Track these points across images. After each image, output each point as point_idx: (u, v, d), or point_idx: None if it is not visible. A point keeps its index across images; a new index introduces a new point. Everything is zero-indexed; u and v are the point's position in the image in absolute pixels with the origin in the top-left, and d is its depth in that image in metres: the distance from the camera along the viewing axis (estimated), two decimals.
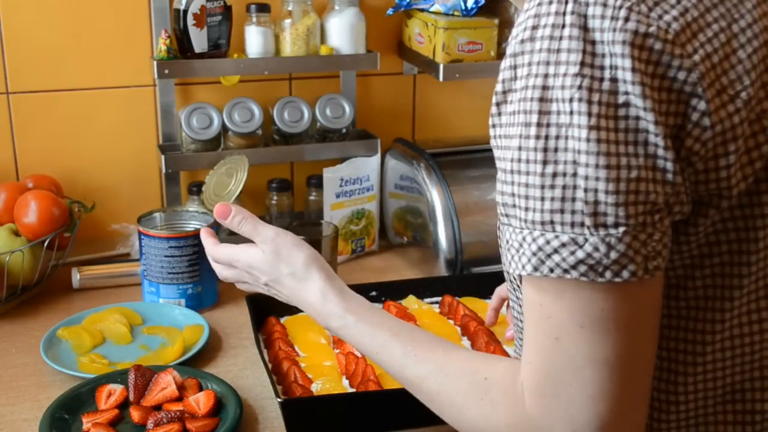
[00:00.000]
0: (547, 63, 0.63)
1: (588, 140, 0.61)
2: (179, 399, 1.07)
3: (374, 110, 1.71)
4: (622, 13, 0.61)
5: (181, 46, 1.47)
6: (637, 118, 0.61)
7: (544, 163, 0.63)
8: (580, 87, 0.61)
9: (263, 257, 0.93)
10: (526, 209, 0.64)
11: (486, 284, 1.36)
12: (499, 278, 1.36)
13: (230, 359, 1.22)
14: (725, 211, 0.67)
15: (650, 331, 0.65)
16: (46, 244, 1.35)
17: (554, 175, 0.62)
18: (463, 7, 1.48)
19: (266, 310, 1.28)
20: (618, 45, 0.61)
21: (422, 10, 1.54)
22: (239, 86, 1.58)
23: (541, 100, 0.63)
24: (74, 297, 1.41)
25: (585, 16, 0.62)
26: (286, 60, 1.53)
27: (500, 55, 1.53)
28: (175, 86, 1.57)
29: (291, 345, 1.20)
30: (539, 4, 0.64)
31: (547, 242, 0.63)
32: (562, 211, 0.62)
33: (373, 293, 1.34)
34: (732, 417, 0.73)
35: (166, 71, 1.46)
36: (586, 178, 0.61)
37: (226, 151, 1.53)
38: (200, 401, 1.05)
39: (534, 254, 0.64)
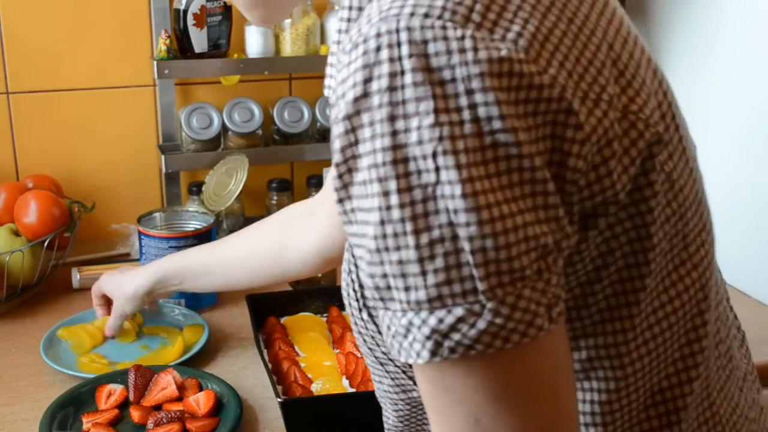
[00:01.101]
0: (392, 118, 0.53)
1: (464, 196, 0.52)
2: (179, 399, 1.07)
3: None
4: (468, 43, 0.53)
5: (181, 46, 1.47)
6: (508, 157, 0.54)
7: (416, 233, 0.53)
8: (441, 138, 0.52)
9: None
10: (407, 289, 0.54)
11: None
12: None
13: (230, 359, 1.22)
14: (613, 216, 0.61)
15: (571, 377, 0.60)
16: (46, 244, 1.35)
17: (431, 243, 0.53)
18: None
19: (266, 310, 1.28)
20: (476, 79, 0.53)
21: None
22: (239, 86, 1.59)
23: (395, 162, 0.53)
24: (74, 297, 1.41)
25: (426, 56, 0.53)
26: (286, 60, 1.53)
27: None
28: (175, 86, 1.57)
29: (291, 345, 1.20)
30: (365, 54, 0.54)
31: (440, 321, 0.54)
32: (449, 282, 0.53)
33: None
34: (657, 422, 0.69)
35: (166, 71, 1.46)
36: (470, 238, 0.53)
37: (226, 151, 1.53)
38: (200, 401, 1.05)
39: (428, 338, 0.54)
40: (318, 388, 1.09)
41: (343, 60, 0.56)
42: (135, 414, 1.04)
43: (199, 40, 1.47)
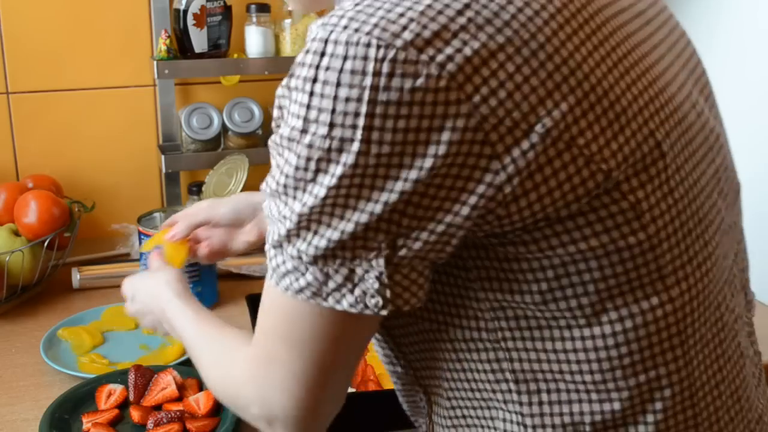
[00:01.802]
0: (298, 116, 0.59)
1: (319, 198, 0.59)
2: (179, 399, 1.07)
3: None
4: (385, 67, 0.55)
5: (181, 46, 1.47)
6: (386, 177, 0.58)
7: (283, 195, 0.62)
8: (329, 149, 0.58)
9: (140, 273, 1.07)
10: (276, 231, 0.64)
11: None
12: None
13: None
14: (541, 240, 0.62)
15: (345, 357, 0.68)
16: (46, 244, 1.35)
17: (291, 209, 0.62)
18: None
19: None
20: (380, 106, 0.56)
21: None
22: (239, 86, 1.59)
23: (283, 150, 0.61)
24: (74, 297, 1.41)
25: (339, 71, 0.56)
26: (286, 60, 1.53)
27: None
28: (175, 86, 1.57)
29: None
30: (305, 51, 0.59)
31: (278, 265, 0.65)
32: (288, 241, 0.63)
33: None
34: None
35: (166, 71, 1.46)
36: (309, 227, 0.61)
37: (226, 151, 1.53)
38: (200, 401, 1.05)
39: (273, 270, 0.65)
40: None
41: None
42: (135, 414, 1.04)
43: (199, 40, 1.47)
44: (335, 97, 0.56)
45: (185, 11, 1.44)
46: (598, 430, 0.66)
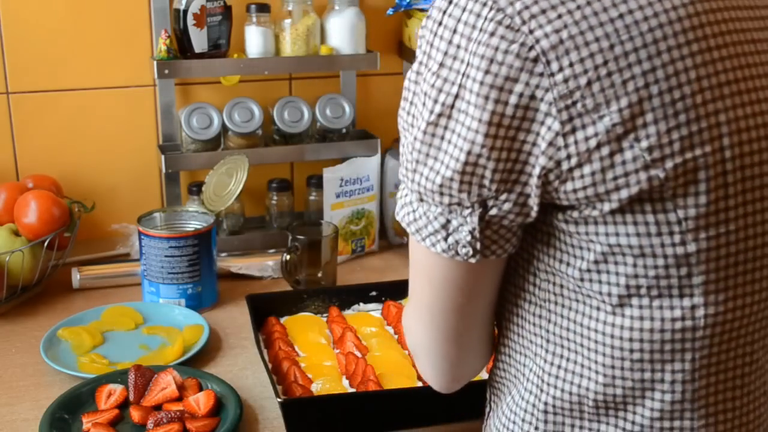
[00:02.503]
0: (423, 53, 0.69)
1: (424, 132, 0.68)
2: (179, 399, 1.07)
3: (374, 110, 1.71)
4: (490, 26, 0.63)
5: (181, 46, 1.47)
6: (468, 128, 0.65)
7: (404, 134, 0.72)
8: (432, 85, 0.67)
9: None
10: (401, 164, 0.74)
11: None
12: None
13: (230, 359, 1.22)
14: (591, 224, 0.67)
15: (457, 301, 0.75)
16: (46, 244, 1.35)
17: (410, 145, 0.71)
18: None
19: (266, 310, 1.28)
20: (476, 57, 0.64)
21: (422, 10, 1.54)
22: (239, 86, 1.59)
23: (416, 83, 0.70)
24: (74, 297, 1.41)
25: (458, 21, 0.65)
26: (286, 60, 1.53)
27: None
28: (175, 86, 1.57)
29: (291, 345, 1.20)
30: None
31: (402, 196, 0.75)
32: (408, 178, 0.72)
33: (373, 293, 1.34)
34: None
35: (166, 71, 1.46)
36: (416, 161, 0.70)
37: (226, 151, 1.53)
38: (200, 401, 1.05)
39: (400, 199, 0.76)
40: (318, 388, 1.09)
41: None
42: (135, 414, 1.04)
43: (199, 40, 1.47)
44: (450, 41, 0.66)
45: (185, 11, 1.44)
46: (599, 407, 0.72)
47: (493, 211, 0.68)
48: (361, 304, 1.33)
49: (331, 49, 1.55)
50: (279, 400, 1.02)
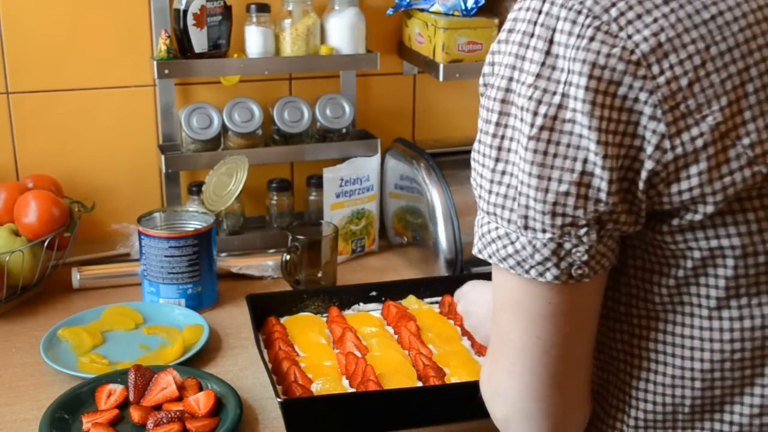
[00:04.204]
0: (513, 67, 0.66)
1: (526, 149, 0.65)
2: (179, 399, 1.07)
3: (374, 110, 1.71)
4: (589, 32, 0.63)
5: (181, 46, 1.47)
6: (580, 136, 0.63)
7: (496, 160, 0.68)
8: (530, 98, 0.64)
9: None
10: (479, 197, 0.71)
11: None
12: None
13: (230, 359, 1.22)
14: (688, 231, 0.67)
15: (566, 330, 0.70)
16: (46, 244, 1.35)
17: (503, 173, 0.67)
18: (463, 7, 1.48)
19: (266, 310, 1.28)
20: (578, 63, 0.63)
21: (422, 10, 1.54)
22: (239, 86, 1.58)
23: (503, 101, 0.67)
24: (74, 297, 1.41)
25: (554, 30, 0.64)
26: (286, 60, 1.53)
27: None
28: (175, 86, 1.57)
29: (291, 345, 1.20)
30: (519, 9, 0.67)
31: (489, 231, 0.70)
32: (502, 207, 0.68)
33: (373, 293, 1.34)
34: None
35: (166, 71, 1.46)
36: (522, 183, 0.66)
37: (226, 151, 1.53)
38: (200, 401, 1.05)
39: (480, 238, 0.71)
40: (318, 388, 1.09)
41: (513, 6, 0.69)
42: (135, 414, 1.04)
43: (199, 40, 1.47)
44: (546, 51, 0.64)
45: (185, 11, 1.44)
46: (695, 412, 0.72)
47: (609, 225, 0.66)
48: (361, 304, 1.33)
49: (331, 49, 1.55)
50: (279, 400, 1.02)
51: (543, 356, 0.70)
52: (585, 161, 0.64)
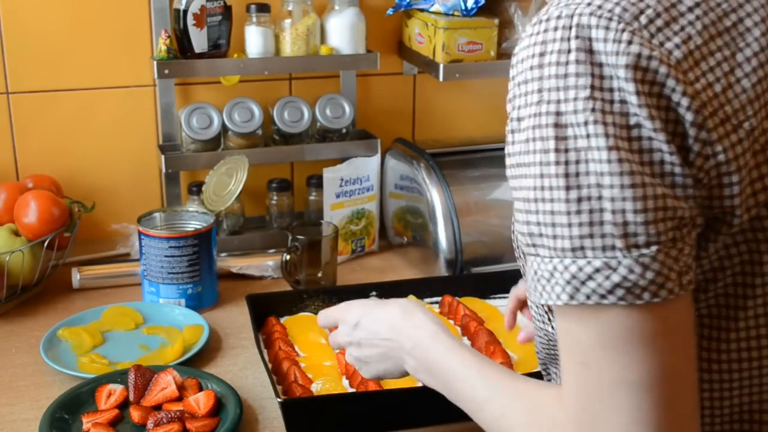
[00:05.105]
0: (558, 89, 0.63)
1: (609, 161, 0.61)
2: (179, 399, 1.07)
3: (374, 110, 1.71)
4: (625, 36, 0.62)
5: (181, 46, 1.47)
6: (650, 138, 0.61)
7: (567, 188, 0.62)
8: (593, 110, 0.61)
9: (363, 300, 0.97)
10: (554, 237, 0.63)
11: (486, 284, 1.36)
12: (498, 278, 1.36)
13: (230, 359, 1.22)
14: (729, 236, 0.67)
15: (684, 349, 0.64)
16: (46, 244, 1.35)
17: (579, 200, 0.62)
18: (463, 7, 1.48)
19: (266, 310, 1.28)
20: (621, 69, 0.61)
21: (422, 10, 1.54)
22: (239, 86, 1.58)
23: (557, 125, 0.63)
24: (74, 297, 1.41)
25: (590, 39, 0.62)
26: (286, 60, 1.53)
27: (500, 55, 1.53)
28: (175, 86, 1.57)
29: (291, 345, 1.20)
30: (545, 31, 0.64)
31: (580, 269, 0.62)
32: (591, 236, 0.61)
33: (373, 293, 1.34)
34: None
35: (166, 71, 1.46)
36: (612, 199, 0.61)
37: (226, 151, 1.53)
38: (200, 401, 1.05)
39: (568, 282, 0.62)
40: (318, 388, 1.09)
41: (528, 30, 0.66)
42: (135, 414, 1.04)
43: (199, 40, 1.47)
44: (591, 63, 0.62)
45: (185, 11, 1.44)
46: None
47: (699, 221, 0.64)
48: None
49: (331, 49, 1.55)
50: (279, 400, 1.02)
51: (678, 386, 0.63)
52: (662, 162, 0.61)
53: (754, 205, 0.66)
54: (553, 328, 0.81)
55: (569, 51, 0.63)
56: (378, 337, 0.90)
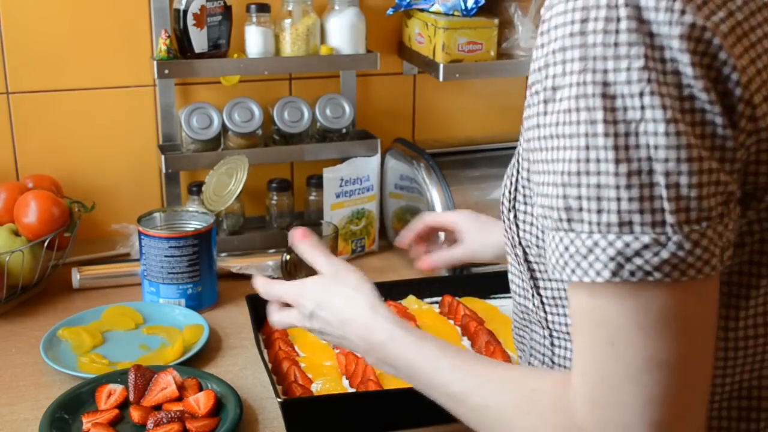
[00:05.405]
0: (605, 58, 0.60)
1: (667, 134, 0.59)
2: (179, 399, 1.07)
3: (374, 110, 1.71)
4: (677, 5, 0.59)
5: (181, 46, 1.47)
6: (703, 110, 0.59)
7: (617, 161, 0.60)
8: (649, 80, 0.59)
9: (319, 279, 0.93)
10: (599, 211, 0.61)
11: (486, 284, 1.36)
12: (498, 278, 1.35)
13: (230, 359, 1.22)
14: (754, 211, 0.66)
15: (711, 329, 0.63)
16: (46, 244, 1.35)
17: (629, 173, 0.59)
18: (463, 7, 1.48)
19: (266, 310, 1.27)
20: (675, 39, 0.59)
21: (422, 10, 1.54)
22: (239, 86, 1.58)
23: (604, 96, 0.60)
24: (74, 297, 1.41)
25: (639, 8, 0.60)
26: (286, 60, 1.53)
27: (500, 55, 1.53)
28: (175, 86, 1.57)
29: (291, 345, 1.20)
30: (592, 8, 0.61)
31: (627, 245, 0.60)
32: (641, 212, 0.59)
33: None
34: (737, 413, 0.72)
35: (166, 71, 1.46)
36: (667, 174, 0.59)
37: (226, 151, 1.53)
38: (200, 401, 1.05)
39: (612, 259, 0.60)
40: (318, 388, 1.09)
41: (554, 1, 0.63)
42: (135, 414, 1.04)
43: (199, 40, 1.47)
44: (642, 32, 0.59)
45: (185, 11, 1.44)
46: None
47: (739, 194, 0.63)
48: None
49: (331, 49, 1.55)
50: (279, 400, 1.02)
51: (704, 366, 0.63)
52: (714, 135, 0.60)
53: None
54: (534, 305, 0.80)
55: (618, 19, 0.60)
56: (336, 334, 0.88)
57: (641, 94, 0.59)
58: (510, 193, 0.78)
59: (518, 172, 0.77)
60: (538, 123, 0.65)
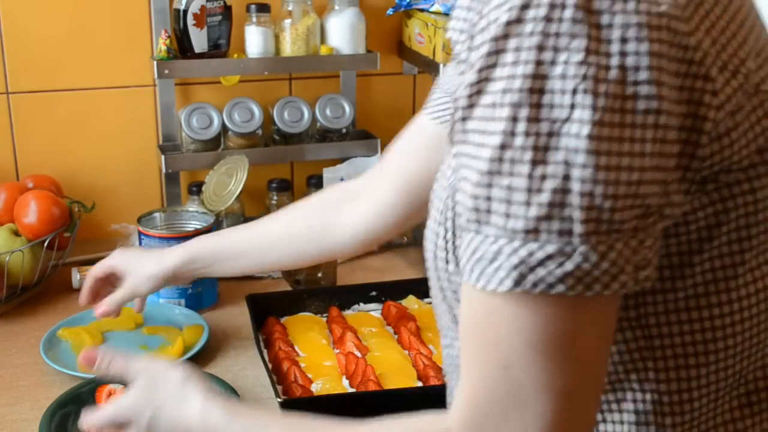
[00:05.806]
0: (541, 48, 0.54)
1: (589, 137, 0.53)
2: None
3: (374, 110, 1.71)
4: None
5: (181, 46, 1.47)
6: (646, 111, 0.55)
7: (533, 163, 0.54)
8: (584, 77, 0.53)
9: (138, 392, 0.85)
10: (507, 216, 0.56)
11: None
12: None
13: (230, 359, 1.22)
14: (726, 189, 0.62)
15: (607, 352, 0.60)
16: (46, 244, 1.35)
17: (543, 177, 0.54)
18: None
19: (266, 310, 1.28)
20: (633, 28, 0.54)
21: (422, 10, 1.54)
22: (239, 86, 1.59)
23: (532, 91, 0.54)
24: (74, 297, 1.40)
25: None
26: (286, 60, 1.53)
27: None
28: (175, 86, 1.57)
29: (291, 345, 1.20)
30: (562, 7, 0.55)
31: (530, 254, 0.55)
32: (549, 218, 0.54)
33: (373, 293, 1.34)
34: (737, 402, 0.71)
35: (166, 71, 1.46)
36: (582, 180, 0.54)
37: (226, 151, 1.53)
38: None
39: (514, 267, 0.55)
40: (318, 388, 1.09)
41: None
42: None
43: (199, 40, 1.47)
44: (588, 22, 0.54)
45: (185, 11, 1.44)
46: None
47: (667, 211, 0.59)
48: (361, 304, 1.33)
49: (331, 49, 1.55)
50: (279, 400, 1.02)
51: (591, 393, 0.59)
52: (654, 140, 0.55)
53: (755, 151, 0.61)
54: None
55: (563, 7, 0.54)
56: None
57: (574, 91, 0.54)
58: (446, 240, 0.70)
59: (455, 215, 0.67)
60: (464, 116, 0.60)
